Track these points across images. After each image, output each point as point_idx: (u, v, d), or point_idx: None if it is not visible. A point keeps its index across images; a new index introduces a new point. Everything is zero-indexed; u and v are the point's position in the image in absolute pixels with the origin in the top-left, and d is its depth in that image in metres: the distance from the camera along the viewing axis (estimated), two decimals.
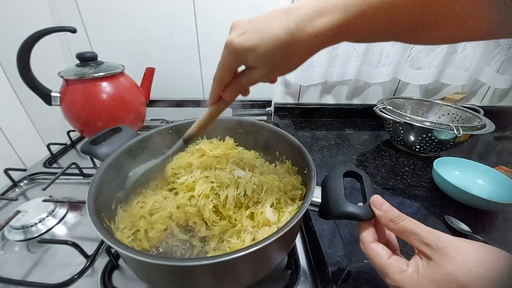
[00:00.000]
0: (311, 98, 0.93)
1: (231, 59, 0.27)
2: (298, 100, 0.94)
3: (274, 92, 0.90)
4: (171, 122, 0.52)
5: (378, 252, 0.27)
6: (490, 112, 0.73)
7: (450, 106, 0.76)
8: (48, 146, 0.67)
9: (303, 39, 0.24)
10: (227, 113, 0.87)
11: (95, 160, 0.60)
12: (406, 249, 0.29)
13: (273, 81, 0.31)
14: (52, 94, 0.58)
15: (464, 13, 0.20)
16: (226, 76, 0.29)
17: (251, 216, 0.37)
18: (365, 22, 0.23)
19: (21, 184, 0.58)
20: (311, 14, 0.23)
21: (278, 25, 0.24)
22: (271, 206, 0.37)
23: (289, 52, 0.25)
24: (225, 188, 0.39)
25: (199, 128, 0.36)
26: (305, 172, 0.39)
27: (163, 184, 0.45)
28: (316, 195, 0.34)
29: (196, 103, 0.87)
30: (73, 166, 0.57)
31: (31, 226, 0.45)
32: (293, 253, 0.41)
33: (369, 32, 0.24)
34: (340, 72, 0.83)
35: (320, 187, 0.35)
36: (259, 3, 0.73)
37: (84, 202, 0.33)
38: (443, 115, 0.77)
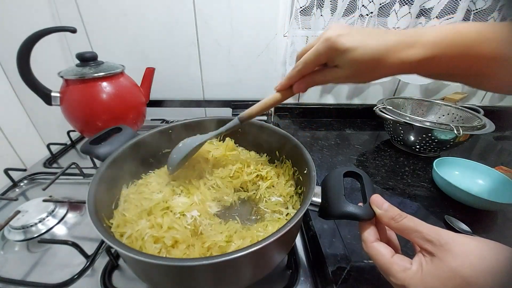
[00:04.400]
0: (311, 98, 0.93)
1: (325, 53, 0.30)
2: (298, 100, 0.94)
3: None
4: (171, 122, 0.52)
5: (381, 251, 0.27)
6: (490, 112, 0.73)
7: (450, 106, 0.76)
8: (48, 146, 0.67)
9: (392, 61, 0.28)
10: (227, 113, 0.87)
11: (95, 160, 0.60)
12: (406, 249, 0.29)
13: (336, 82, 0.33)
14: (52, 94, 0.58)
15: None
16: (310, 68, 0.32)
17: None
18: (443, 62, 0.27)
19: (21, 184, 0.58)
20: (406, 42, 0.27)
21: (378, 40, 0.28)
22: None
23: (376, 66, 0.29)
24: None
25: (259, 110, 0.38)
26: (305, 172, 0.39)
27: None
28: (316, 195, 0.34)
29: (196, 103, 0.87)
30: (73, 166, 0.57)
31: (31, 226, 0.45)
32: (293, 253, 0.41)
33: (442, 70, 0.28)
34: None
35: (320, 187, 0.35)
36: (258, 4, 0.73)
37: (84, 202, 0.33)
38: (443, 115, 0.77)
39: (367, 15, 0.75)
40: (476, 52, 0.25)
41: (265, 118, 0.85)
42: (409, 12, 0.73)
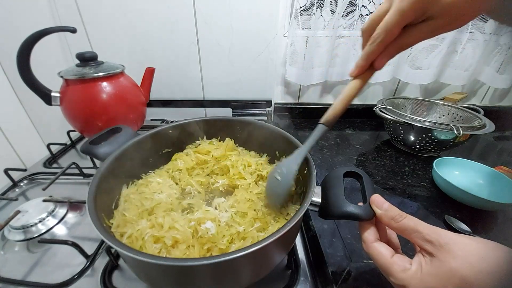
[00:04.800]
0: (311, 98, 0.93)
1: (413, 9, 0.25)
2: (298, 100, 0.94)
3: (274, 92, 0.90)
4: (171, 122, 0.52)
5: (381, 251, 0.27)
6: (490, 112, 0.73)
7: (450, 106, 0.76)
8: (48, 146, 0.67)
9: None
10: (227, 113, 0.87)
11: (95, 160, 0.60)
12: (406, 249, 0.29)
13: (428, 37, 0.28)
14: (52, 94, 0.58)
15: None
16: (394, 34, 0.27)
17: None
18: None
19: (21, 184, 0.58)
20: None
21: None
22: None
23: (475, 1, 0.24)
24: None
25: (344, 106, 0.33)
26: (305, 172, 0.39)
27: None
28: (316, 195, 0.34)
29: (196, 103, 0.87)
30: (73, 166, 0.57)
31: (31, 226, 0.45)
32: (293, 253, 0.41)
33: None
34: (340, 72, 0.83)
35: (320, 187, 0.35)
36: (258, 4, 0.73)
37: (84, 202, 0.33)
38: (443, 115, 0.77)
39: (367, 15, 0.75)
40: None
41: (265, 118, 0.85)
42: None
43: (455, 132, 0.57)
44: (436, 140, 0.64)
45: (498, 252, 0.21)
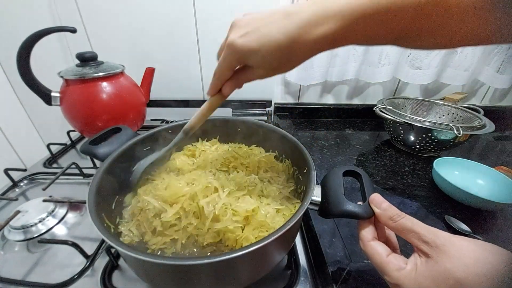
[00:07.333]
0: (311, 98, 0.93)
1: (232, 59, 0.28)
2: (298, 100, 0.94)
3: (274, 92, 0.90)
4: (171, 122, 0.52)
5: (377, 250, 0.27)
6: (490, 112, 0.73)
7: (450, 106, 0.76)
8: (48, 146, 0.67)
9: (303, 44, 0.25)
10: (227, 113, 0.87)
11: (95, 160, 0.60)
12: (406, 249, 0.29)
13: (262, 78, 0.31)
14: (52, 94, 0.58)
15: (459, 17, 0.21)
16: (226, 73, 0.31)
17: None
18: (360, 29, 0.24)
19: (21, 184, 0.58)
20: (310, 21, 0.24)
21: (278, 29, 0.25)
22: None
23: (289, 56, 0.26)
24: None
25: (199, 119, 0.38)
26: (305, 171, 0.39)
27: None
28: (316, 194, 0.34)
29: (196, 103, 0.87)
30: (73, 166, 0.57)
31: (31, 226, 0.44)
32: (293, 253, 0.41)
33: (365, 37, 0.25)
34: (340, 72, 0.83)
35: (320, 186, 0.35)
36: (258, 4, 0.73)
37: (84, 202, 0.33)
38: (443, 115, 0.77)
39: None
40: (400, 7, 0.21)
41: (265, 118, 0.85)
42: None
43: (455, 132, 0.57)
44: (436, 140, 0.64)
45: (495, 254, 0.21)
